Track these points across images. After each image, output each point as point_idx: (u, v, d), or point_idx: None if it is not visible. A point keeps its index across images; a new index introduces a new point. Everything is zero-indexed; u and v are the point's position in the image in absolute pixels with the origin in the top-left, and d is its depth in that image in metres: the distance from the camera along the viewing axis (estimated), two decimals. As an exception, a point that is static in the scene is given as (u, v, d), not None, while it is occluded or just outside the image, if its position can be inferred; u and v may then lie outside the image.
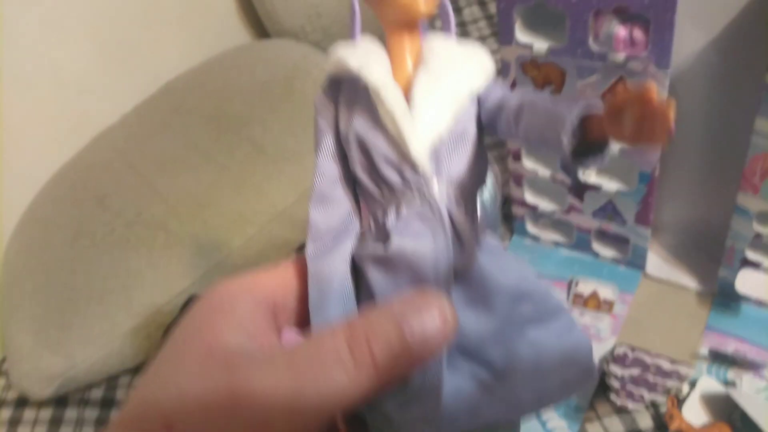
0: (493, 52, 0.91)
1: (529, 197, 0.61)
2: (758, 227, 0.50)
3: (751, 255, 0.52)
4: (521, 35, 0.50)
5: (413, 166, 0.21)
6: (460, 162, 0.22)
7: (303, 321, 0.22)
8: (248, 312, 0.21)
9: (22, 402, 0.63)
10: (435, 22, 0.25)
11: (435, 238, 0.20)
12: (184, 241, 0.65)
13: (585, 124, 0.19)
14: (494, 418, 0.20)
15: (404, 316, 0.19)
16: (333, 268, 0.21)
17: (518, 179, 0.60)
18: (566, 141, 0.19)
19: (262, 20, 0.91)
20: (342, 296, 0.21)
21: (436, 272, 0.20)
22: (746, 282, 0.53)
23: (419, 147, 0.21)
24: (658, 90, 0.17)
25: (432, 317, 0.19)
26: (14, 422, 0.62)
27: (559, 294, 0.60)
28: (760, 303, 0.55)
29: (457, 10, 0.96)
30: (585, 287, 0.59)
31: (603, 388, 0.52)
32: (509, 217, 0.66)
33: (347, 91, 0.23)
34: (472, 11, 0.95)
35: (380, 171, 0.21)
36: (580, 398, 0.53)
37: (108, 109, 0.81)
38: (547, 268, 0.62)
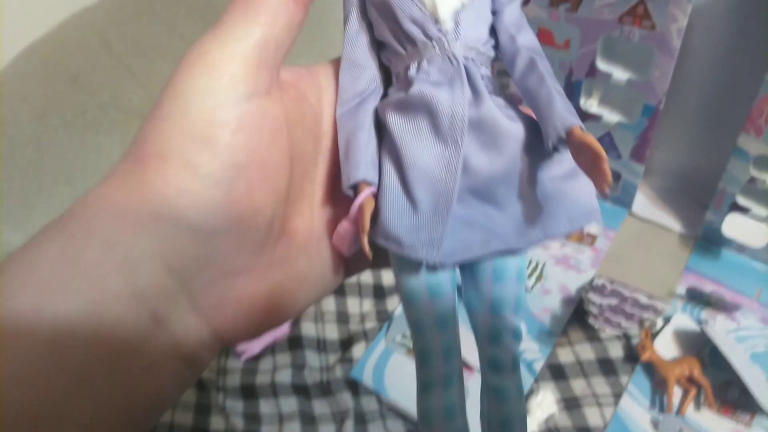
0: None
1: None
2: (754, 171, 0.50)
3: (742, 200, 0.52)
4: (546, -59, 0.47)
5: (436, 22, 0.22)
6: (476, 33, 0.23)
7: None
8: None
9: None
10: None
11: (452, 87, 0.22)
12: (161, 130, 0.62)
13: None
14: (504, 247, 0.22)
15: None
16: (358, 122, 0.24)
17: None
18: (550, 144, 0.22)
19: None
20: (365, 144, 0.23)
21: (452, 118, 0.22)
22: (733, 226, 0.53)
23: (444, 4, 0.22)
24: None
25: None
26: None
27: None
28: (740, 249, 0.55)
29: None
30: (570, 219, 0.59)
31: (578, 317, 0.53)
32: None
33: None
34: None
35: (404, 28, 0.23)
36: (553, 324, 0.53)
37: (87, -14, 0.75)
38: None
